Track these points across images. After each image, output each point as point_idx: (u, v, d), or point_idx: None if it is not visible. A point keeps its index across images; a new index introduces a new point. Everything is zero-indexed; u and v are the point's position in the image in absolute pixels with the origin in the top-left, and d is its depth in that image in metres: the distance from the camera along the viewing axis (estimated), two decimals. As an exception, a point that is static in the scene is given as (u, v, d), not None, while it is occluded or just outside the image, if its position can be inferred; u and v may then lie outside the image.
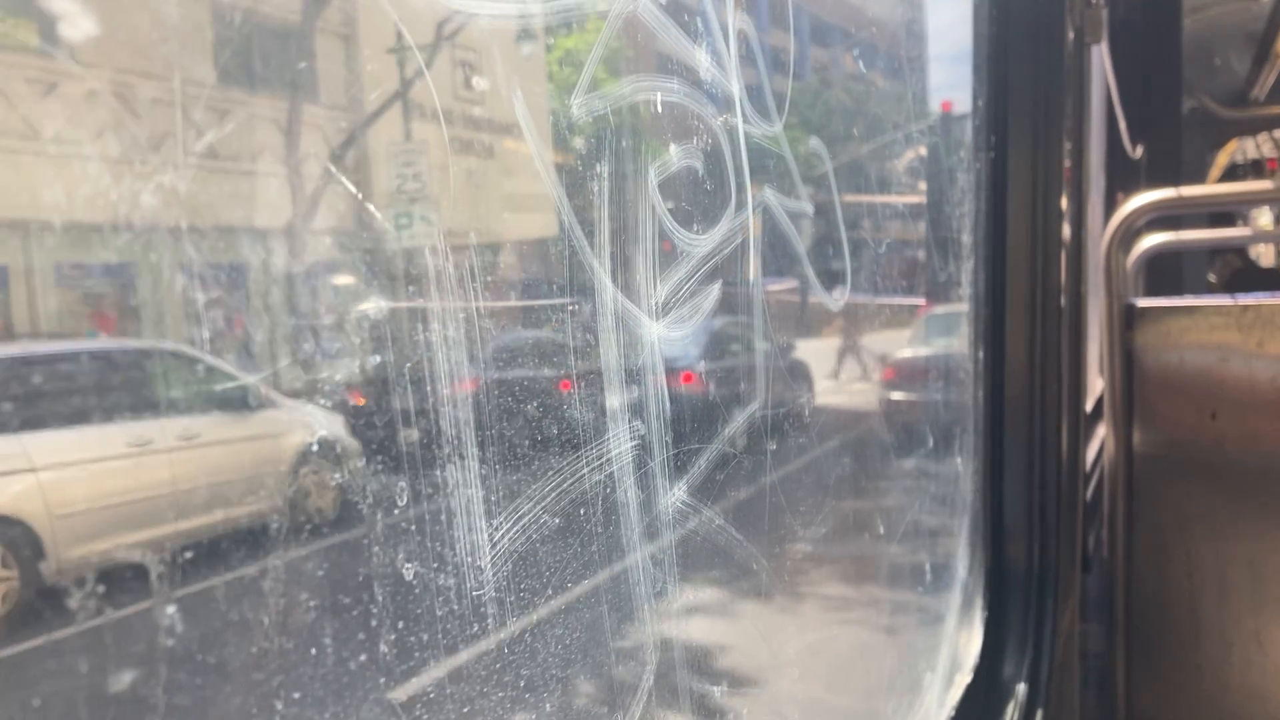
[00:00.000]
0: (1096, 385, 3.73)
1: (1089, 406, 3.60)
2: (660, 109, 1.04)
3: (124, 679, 0.71)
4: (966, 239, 2.51)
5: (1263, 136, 7.81)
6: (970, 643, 2.47)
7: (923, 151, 2.45)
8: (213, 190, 0.74)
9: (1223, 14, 5.72)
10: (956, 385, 2.65)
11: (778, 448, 1.36)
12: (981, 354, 2.50)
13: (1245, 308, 3.16)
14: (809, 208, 1.46)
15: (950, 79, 2.66)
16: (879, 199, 2.15)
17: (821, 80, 1.82)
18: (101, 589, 0.70)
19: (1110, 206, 4.83)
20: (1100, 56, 3.91)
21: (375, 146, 0.88)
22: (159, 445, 0.79)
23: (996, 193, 2.47)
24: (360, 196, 0.84)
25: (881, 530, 2.08)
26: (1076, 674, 2.96)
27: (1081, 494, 2.88)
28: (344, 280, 0.83)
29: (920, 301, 2.55)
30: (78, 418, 0.74)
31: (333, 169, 0.84)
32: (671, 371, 1.07)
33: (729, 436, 1.21)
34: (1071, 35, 2.62)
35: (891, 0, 2.33)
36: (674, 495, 1.09)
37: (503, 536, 0.86)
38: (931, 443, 2.42)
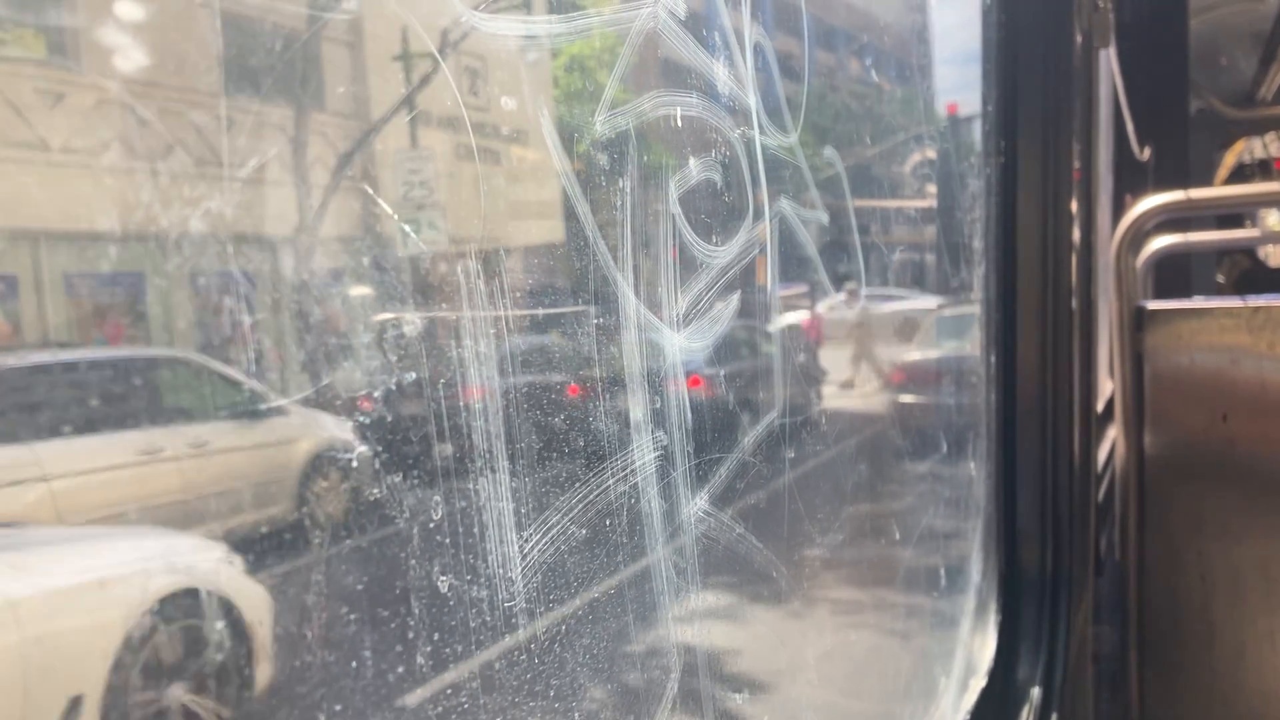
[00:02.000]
0: (1107, 388, 3.73)
1: (1100, 409, 3.60)
2: (680, 123, 1.05)
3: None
4: (978, 243, 2.52)
5: (1270, 136, 7.81)
6: (984, 646, 2.48)
7: (934, 155, 2.47)
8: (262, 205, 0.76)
9: (1229, 14, 5.72)
10: (968, 388, 2.66)
11: (795, 455, 1.37)
12: (993, 357, 2.51)
13: (1256, 309, 3.16)
14: (824, 216, 1.47)
15: (960, 81, 2.67)
16: (893, 204, 2.16)
17: (833, 88, 1.84)
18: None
19: (1119, 209, 4.83)
20: (1108, 59, 3.92)
21: (385, 157, 0.89)
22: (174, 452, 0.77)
23: (1007, 196, 2.48)
24: (375, 204, 0.85)
25: (896, 535, 2.09)
26: (1090, 677, 2.96)
27: (1093, 497, 2.88)
28: (361, 290, 0.85)
29: (932, 305, 2.56)
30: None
31: (346, 175, 0.85)
32: (692, 381, 1.08)
33: (749, 445, 1.23)
34: (1079, 39, 2.63)
35: (901, 5, 2.35)
36: (696, 504, 1.10)
37: (532, 548, 0.88)
38: (944, 446, 2.43)
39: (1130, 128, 4.70)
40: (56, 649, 0.76)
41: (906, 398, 2.51)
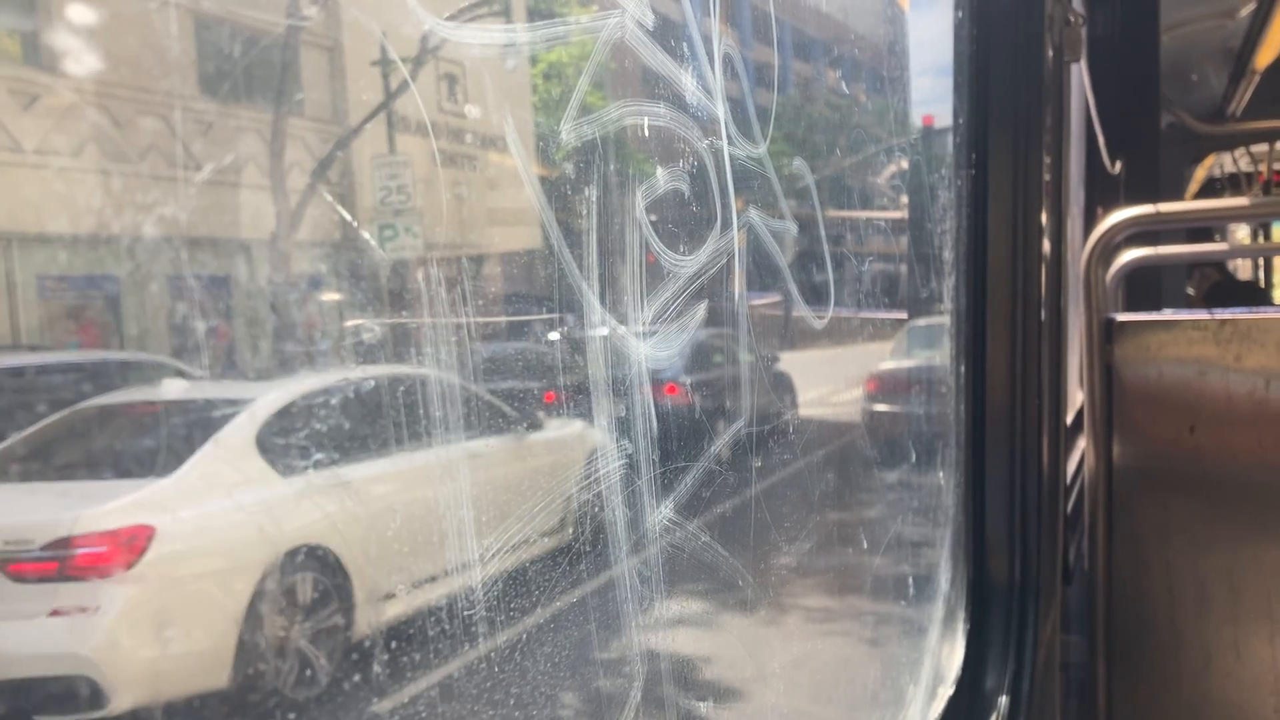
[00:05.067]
0: (1077, 399, 3.76)
1: (1069, 420, 3.63)
2: (647, 132, 1.06)
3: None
4: (948, 254, 2.53)
5: (1240, 151, 7.90)
6: (953, 655, 2.49)
7: (905, 167, 2.48)
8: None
9: (1200, 30, 5.79)
10: (938, 398, 2.67)
11: (763, 464, 1.37)
12: (963, 368, 2.53)
13: (1223, 322, 3.20)
14: (792, 226, 1.48)
15: (933, 94, 2.69)
16: (862, 214, 2.17)
17: (805, 99, 1.85)
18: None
19: (1090, 221, 4.87)
20: (1080, 73, 3.96)
21: (361, 162, 0.89)
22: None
23: (977, 208, 2.50)
24: (349, 216, 0.85)
25: (865, 544, 2.10)
26: (1058, 685, 2.98)
27: (1062, 507, 2.91)
28: (332, 296, 0.85)
29: (902, 315, 2.58)
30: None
31: (317, 182, 0.85)
32: (659, 390, 1.08)
33: (715, 454, 1.23)
34: (1051, 53, 2.65)
35: (874, 18, 2.36)
36: (661, 513, 1.10)
37: (492, 556, 0.88)
38: (914, 456, 2.44)
39: (1102, 141, 4.75)
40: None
41: (876, 407, 2.52)
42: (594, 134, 0.96)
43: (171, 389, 0.73)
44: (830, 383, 2.17)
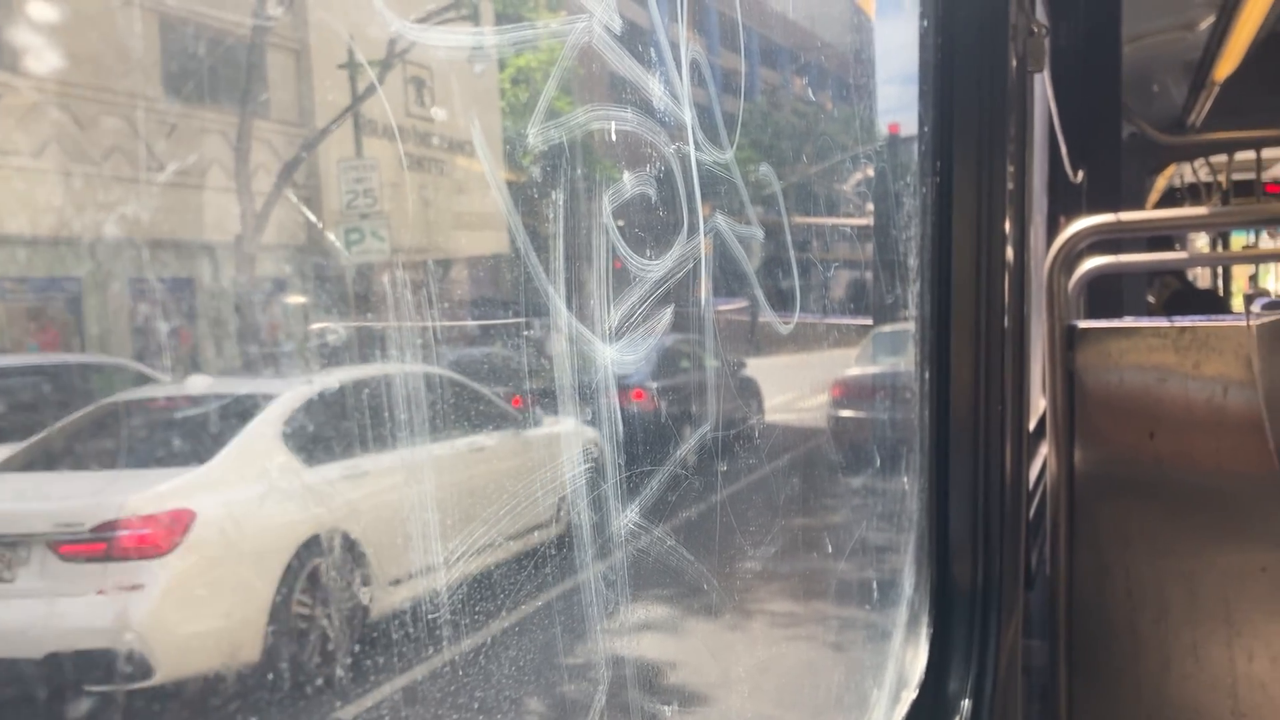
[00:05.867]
0: (1040, 405, 3.80)
1: (1032, 426, 3.67)
2: (614, 137, 1.06)
3: None
4: (913, 261, 2.56)
5: (1200, 162, 8.03)
6: (916, 659, 2.51)
7: (871, 174, 2.50)
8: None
9: (1161, 42, 5.88)
10: (903, 404, 2.69)
11: (728, 468, 1.38)
12: (928, 374, 2.55)
13: (1182, 330, 3.25)
14: (759, 232, 1.49)
15: (899, 102, 2.71)
16: (828, 221, 2.19)
17: (772, 106, 1.86)
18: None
19: (1053, 230, 4.93)
20: (1043, 83, 4.01)
21: (328, 165, 0.89)
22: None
23: (942, 216, 2.52)
24: (315, 219, 0.85)
25: (830, 549, 2.11)
26: (1020, 689, 3.01)
27: (1025, 512, 2.94)
28: (296, 298, 0.84)
29: (868, 321, 2.59)
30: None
31: (285, 188, 0.85)
32: (624, 394, 1.08)
33: (680, 458, 1.23)
34: (1014, 63, 2.69)
35: (841, 26, 2.38)
36: (627, 517, 1.10)
37: (458, 560, 0.87)
38: (878, 461, 2.46)
39: (1064, 151, 4.81)
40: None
41: (840, 412, 2.54)
42: (561, 138, 0.97)
43: (199, 384, 0.79)
44: (795, 388, 2.18)
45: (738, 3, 1.43)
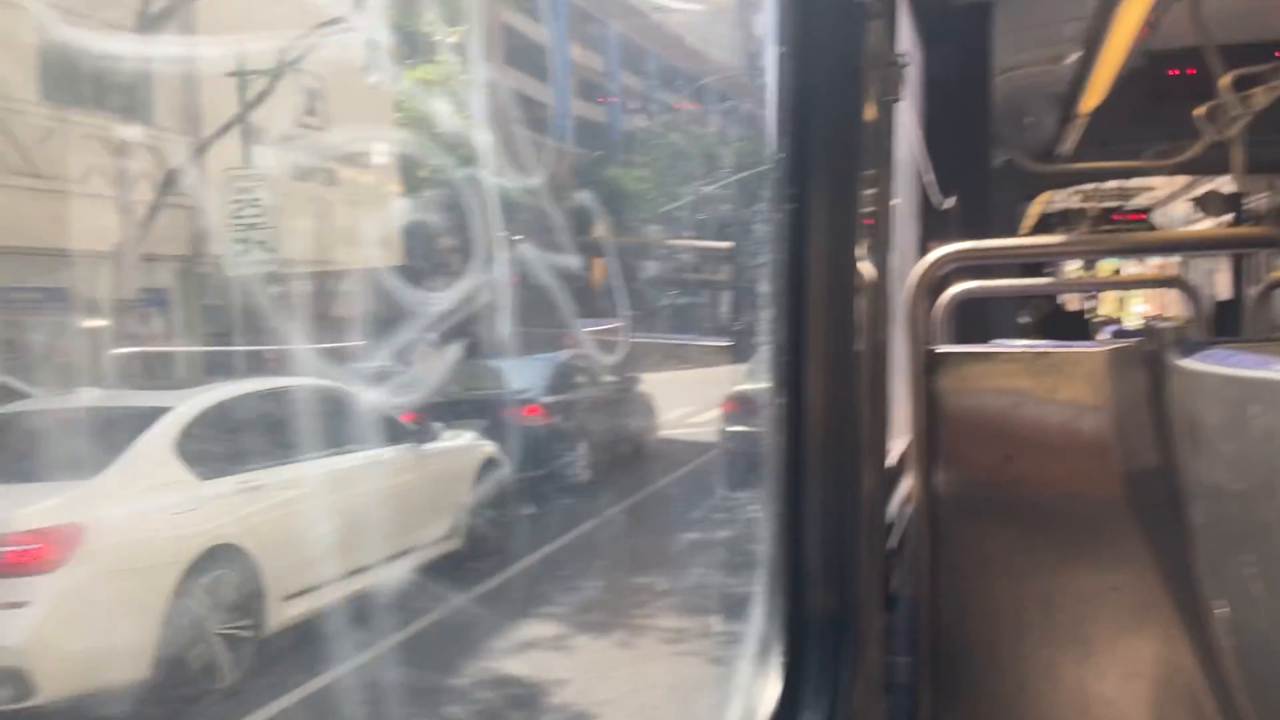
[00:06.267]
0: (902, 430, 3.85)
1: (894, 450, 3.70)
2: (389, 160, 1.00)
3: None
4: (767, 287, 2.55)
5: (1072, 190, 8.32)
6: (769, 689, 2.49)
7: (726, 200, 2.49)
8: None
9: (1031, 74, 6.07)
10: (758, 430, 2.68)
11: (535, 509, 1.33)
12: (781, 400, 2.54)
13: (1038, 355, 3.32)
14: (572, 260, 1.45)
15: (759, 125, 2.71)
16: (678, 243, 2.16)
17: (593, 131, 1.83)
18: None
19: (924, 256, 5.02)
20: (909, 113, 4.08)
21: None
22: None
23: (797, 242, 2.52)
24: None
25: (666, 584, 2.07)
26: (882, 710, 3.01)
27: (882, 535, 2.95)
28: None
29: (713, 343, 2.58)
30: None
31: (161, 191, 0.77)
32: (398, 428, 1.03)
33: (475, 502, 1.18)
34: (873, 92, 2.71)
35: (681, 50, 2.37)
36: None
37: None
38: (729, 490, 2.44)
39: (934, 179, 4.91)
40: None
41: (664, 436, 2.51)
42: (320, 162, 0.91)
43: (89, 396, 0.72)
44: (633, 415, 2.14)
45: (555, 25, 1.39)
